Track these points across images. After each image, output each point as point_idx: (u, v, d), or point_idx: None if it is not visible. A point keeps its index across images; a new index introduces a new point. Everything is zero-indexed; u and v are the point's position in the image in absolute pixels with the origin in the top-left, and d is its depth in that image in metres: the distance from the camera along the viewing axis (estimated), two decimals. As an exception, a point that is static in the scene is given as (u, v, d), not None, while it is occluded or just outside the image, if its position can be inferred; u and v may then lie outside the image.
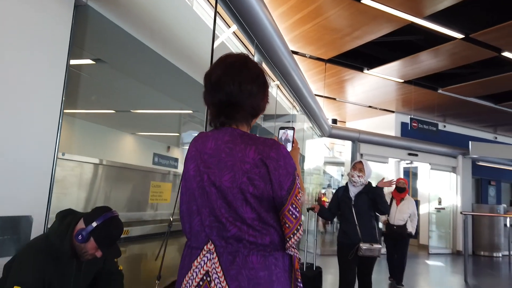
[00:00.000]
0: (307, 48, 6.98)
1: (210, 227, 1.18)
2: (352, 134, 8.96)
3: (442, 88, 8.65)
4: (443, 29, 5.76)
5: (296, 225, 1.17)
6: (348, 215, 3.62)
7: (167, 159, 11.43)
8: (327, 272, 6.36)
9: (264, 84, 1.30)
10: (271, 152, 1.18)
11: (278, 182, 1.16)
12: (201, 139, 1.29)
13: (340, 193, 3.81)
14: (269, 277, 1.14)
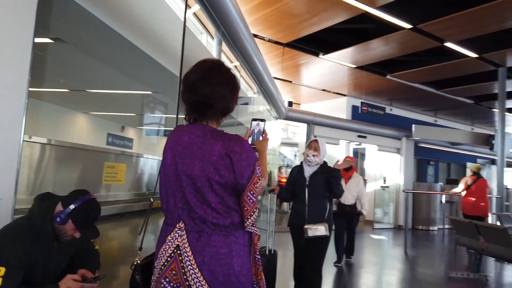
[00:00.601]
0: (266, 32, 7.11)
1: (182, 208, 1.39)
2: (307, 117, 9.31)
3: (391, 74, 9.19)
4: (393, 19, 6.13)
5: (252, 208, 1.39)
6: (301, 196, 3.42)
7: (121, 139, 11.19)
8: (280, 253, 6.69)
9: (234, 88, 1.49)
10: (236, 146, 1.38)
11: (240, 172, 1.37)
12: (177, 132, 1.48)
13: (294, 172, 3.59)
14: (229, 253, 1.36)
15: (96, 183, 7.74)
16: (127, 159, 9.60)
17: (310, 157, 3.43)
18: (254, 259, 1.47)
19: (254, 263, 1.47)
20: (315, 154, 3.43)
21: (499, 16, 6.00)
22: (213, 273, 1.33)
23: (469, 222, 5.01)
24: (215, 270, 1.33)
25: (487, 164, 14.47)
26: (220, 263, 1.34)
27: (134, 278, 1.56)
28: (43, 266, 1.74)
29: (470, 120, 13.96)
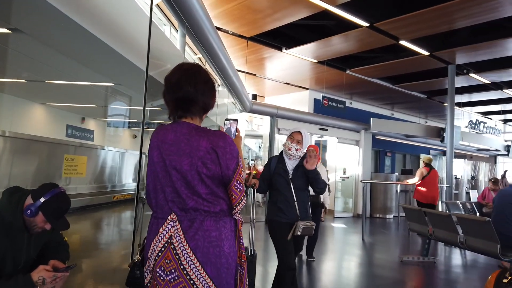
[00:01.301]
0: (230, 25, 7.18)
1: (173, 201, 1.51)
2: (270, 110, 9.50)
3: (350, 69, 9.55)
4: (351, 17, 6.40)
5: (240, 196, 1.55)
6: (284, 191, 3.13)
7: (82, 131, 10.88)
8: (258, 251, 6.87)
9: (212, 86, 1.65)
10: (220, 141, 1.51)
11: (226, 164, 1.51)
12: (162, 131, 1.60)
13: (273, 164, 3.25)
14: (219, 236, 1.50)
15: (55, 176, 7.54)
16: (88, 152, 9.37)
17: (293, 151, 3.14)
18: (238, 243, 1.61)
19: (238, 247, 1.61)
20: (298, 148, 3.14)
21: (449, 17, 6.42)
22: (205, 255, 1.46)
23: (419, 209, 5.40)
24: (207, 252, 1.46)
25: (439, 155, 15.38)
26: (212, 245, 1.47)
27: (133, 274, 1.66)
28: (12, 258, 1.79)
29: (424, 114, 14.75)
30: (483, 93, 11.69)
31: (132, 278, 1.66)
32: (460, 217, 4.50)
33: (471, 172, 15.37)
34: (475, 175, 15.32)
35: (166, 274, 1.46)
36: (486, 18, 6.44)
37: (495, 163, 18.04)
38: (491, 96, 12.07)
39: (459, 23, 6.71)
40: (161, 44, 5.05)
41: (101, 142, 11.58)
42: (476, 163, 15.92)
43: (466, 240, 4.27)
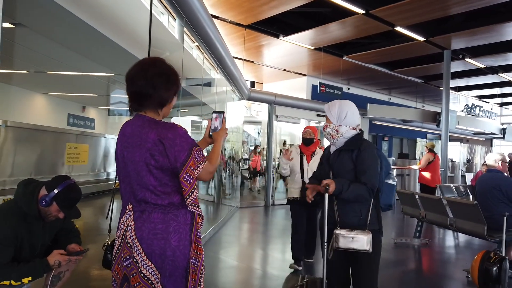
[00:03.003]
0: (227, 14, 7.24)
1: (130, 192, 1.58)
2: (269, 97, 9.61)
3: (347, 55, 9.63)
4: (348, 4, 6.47)
5: (190, 189, 1.54)
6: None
7: (83, 120, 11.00)
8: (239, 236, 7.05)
9: (168, 79, 1.60)
10: (169, 133, 1.52)
11: (174, 156, 1.51)
12: (124, 125, 1.67)
13: (326, 151, 2.53)
14: (166, 229, 1.52)
15: (57, 164, 7.69)
16: (90, 140, 9.50)
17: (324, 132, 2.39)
18: (195, 236, 1.61)
19: (195, 239, 1.60)
20: (323, 126, 2.38)
21: (444, 3, 6.49)
22: (150, 246, 1.50)
23: (412, 193, 5.59)
24: (152, 243, 1.50)
25: (436, 139, 15.56)
26: (156, 237, 1.50)
27: (106, 257, 1.79)
28: (29, 244, 1.97)
29: (421, 98, 14.86)
30: (480, 77, 11.79)
31: (105, 261, 1.79)
32: (449, 201, 4.68)
33: (467, 155, 15.58)
34: (471, 158, 15.52)
35: (123, 260, 1.55)
36: (481, 3, 6.51)
37: (491, 146, 18.24)
38: (487, 80, 12.17)
39: (454, 9, 6.79)
40: (159, 33, 5.13)
41: (102, 130, 11.70)
42: (472, 146, 16.12)
43: (456, 222, 4.46)
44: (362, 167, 2.20)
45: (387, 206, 2.40)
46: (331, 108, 2.36)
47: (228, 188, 9.26)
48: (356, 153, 2.25)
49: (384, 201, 2.37)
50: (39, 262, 1.92)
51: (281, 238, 3.78)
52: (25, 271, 1.85)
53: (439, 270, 4.73)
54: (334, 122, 2.32)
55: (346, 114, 2.31)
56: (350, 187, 2.16)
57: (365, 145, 2.27)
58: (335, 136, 2.30)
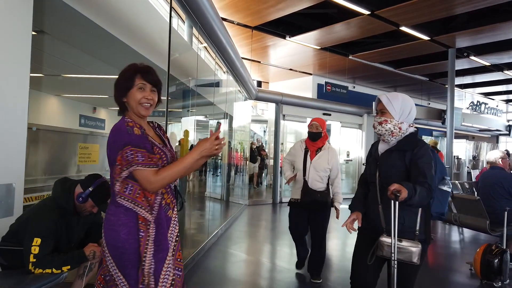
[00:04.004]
0: (235, 16, 7.41)
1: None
2: (275, 97, 9.78)
3: (352, 54, 9.76)
4: (353, 5, 6.61)
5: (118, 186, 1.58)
6: (372, 186, 2.17)
7: (93, 120, 11.25)
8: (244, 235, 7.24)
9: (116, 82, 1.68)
10: (113, 128, 1.61)
11: (108, 155, 1.59)
12: None
13: (373, 149, 2.29)
14: (117, 221, 1.56)
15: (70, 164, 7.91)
16: (100, 140, 9.72)
17: (379, 128, 2.09)
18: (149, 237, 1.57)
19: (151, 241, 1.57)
20: (381, 120, 2.05)
21: (448, 3, 6.60)
22: (107, 237, 1.57)
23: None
24: (108, 234, 1.56)
25: (442, 136, 15.63)
26: (109, 228, 1.56)
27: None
28: (66, 237, 2.17)
29: (427, 96, 14.94)
30: (485, 75, 11.86)
31: None
32: (453, 196, 4.84)
33: (473, 152, 15.64)
34: (477, 155, 15.58)
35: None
36: (486, 3, 6.60)
37: (497, 143, 18.25)
38: (493, 78, 12.23)
39: (458, 9, 6.89)
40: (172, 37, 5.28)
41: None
42: (478, 143, 16.17)
43: (460, 218, 4.61)
44: (420, 170, 1.93)
45: (439, 215, 2.15)
46: (393, 100, 2.04)
47: (236, 186, 9.46)
48: (410, 154, 1.99)
49: (436, 209, 2.11)
50: (77, 252, 2.12)
51: (288, 234, 3.93)
52: (65, 260, 2.05)
53: (444, 263, 4.88)
54: (396, 118, 2.03)
55: (410, 110, 2.05)
56: (417, 191, 1.87)
57: (422, 145, 2.02)
58: (396, 134, 2.03)
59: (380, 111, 2.08)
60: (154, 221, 1.58)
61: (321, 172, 3.63)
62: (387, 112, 2.05)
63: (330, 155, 3.68)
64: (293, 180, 3.74)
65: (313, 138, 3.69)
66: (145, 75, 1.64)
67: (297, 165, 3.74)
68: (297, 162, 3.74)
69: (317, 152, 3.68)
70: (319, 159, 3.63)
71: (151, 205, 1.58)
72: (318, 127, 3.66)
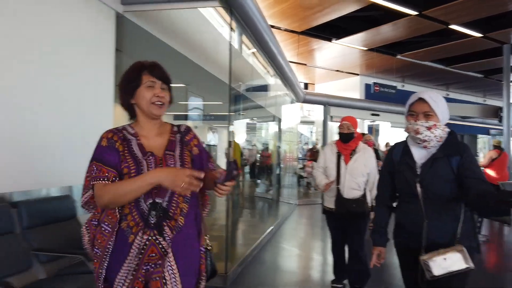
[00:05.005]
0: (283, 22, 7.75)
1: None
2: (322, 99, 9.98)
3: (401, 54, 9.72)
4: (400, 7, 6.68)
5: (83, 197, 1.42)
6: (408, 197, 1.87)
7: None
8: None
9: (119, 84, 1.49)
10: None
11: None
12: None
13: (396, 155, 1.96)
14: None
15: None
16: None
17: (425, 133, 1.77)
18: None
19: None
20: (429, 125, 1.77)
21: (500, 0, 6.48)
22: None
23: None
24: None
25: (499, 134, 14.88)
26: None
27: None
28: None
29: (482, 93, 14.33)
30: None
31: None
32: (507, 196, 4.79)
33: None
34: (539, 154, 14.64)
35: None
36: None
37: None
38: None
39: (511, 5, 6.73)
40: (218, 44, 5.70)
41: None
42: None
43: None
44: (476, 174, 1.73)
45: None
46: (439, 101, 1.80)
47: (286, 186, 9.75)
48: (457, 160, 1.76)
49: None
50: None
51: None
52: None
53: (503, 264, 4.85)
54: (442, 122, 1.80)
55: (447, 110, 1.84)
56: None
57: (467, 148, 1.81)
58: (443, 139, 1.80)
59: (424, 114, 1.79)
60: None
61: (359, 177, 3.17)
62: (433, 115, 1.78)
63: (367, 157, 3.24)
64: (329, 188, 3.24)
65: (345, 139, 3.28)
66: (153, 71, 1.45)
67: (329, 171, 3.26)
68: (329, 168, 3.27)
69: (351, 155, 3.24)
70: (355, 163, 3.19)
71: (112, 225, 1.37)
72: (349, 127, 3.27)
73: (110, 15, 3.44)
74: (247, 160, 10.32)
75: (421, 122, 1.78)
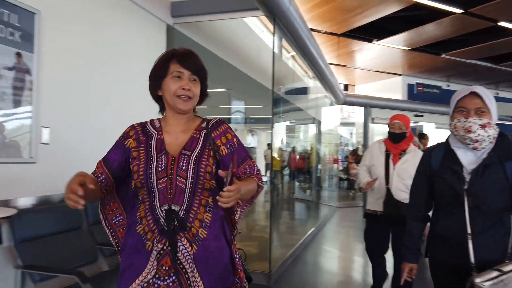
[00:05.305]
0: (322, 25, 7.78)
1: None
2: (363, 101, 9.87)
3: (445, 53, 9.42)
4: (444, 6, 6.52)
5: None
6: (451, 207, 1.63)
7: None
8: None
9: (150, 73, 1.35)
10: None
11: None
12: None
13: (436, 159, 1.71)
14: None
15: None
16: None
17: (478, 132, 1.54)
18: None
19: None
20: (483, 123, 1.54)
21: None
22: None
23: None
24: None
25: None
26: None
27: None
28: None
29: (536, 91, 13.53)
30: None
31: None
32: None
33: None
34: None
35: None
36: None
37: None
38: None
39: None
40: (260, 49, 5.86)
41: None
42: None
43: None
44: None
45: None
46: (491, 97, 1.60)
47: (327, 189, 9.76)
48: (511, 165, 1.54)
49: None
50: None
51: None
52: None
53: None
54: (494, 120, 1.58)
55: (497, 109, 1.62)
56: None
57: None
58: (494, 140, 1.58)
59: (477, 110, 1.56)
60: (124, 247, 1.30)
61: (407, 179, 2.80)
62: (487, 111, 1.56)
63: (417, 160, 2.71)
64: (370, 188, 3.05)
65: (395, 139, 3.06)
66: (183, 60, 1.28)
67: (376, 170, 3.09)
68: (376, 167, 3.10)
69: (400, 156, 3.05)
70: (404, 164, 2.97)
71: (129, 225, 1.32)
72: (401, 126, 3.03)
73: (162, 28, 3.71)
74: (285, 162, 10.43)
75: (473, 119, 1.54)
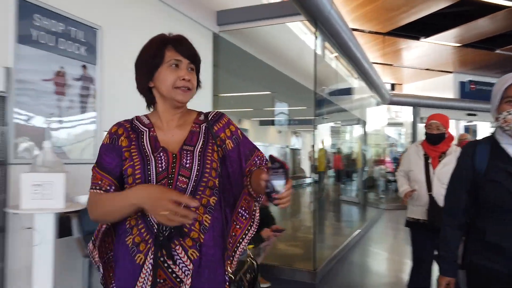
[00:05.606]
0: (366, 25, 7.71)
1: None
2: (411, 100, 9.60)
3: (500, 48, 8.94)
4: (498, 0, 6.24)
5: None
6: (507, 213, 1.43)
7: (239, 131, 12.87)
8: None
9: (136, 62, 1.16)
10: None
11: None
12: None
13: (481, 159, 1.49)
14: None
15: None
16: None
17: None
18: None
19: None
20: None
21: None
22: None
23: None
24: None
25: None
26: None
27: None
28: None
29: None
30: None
31: None
32: None
33: None
34: None
35: None
36: None
37: None
38: None
39: None
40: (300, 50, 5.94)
41: (252, 138, 13.34)
42: None
43: None
44: None
45: None
46: None
47: (373, 190, 9.60)
48: None
49: None
50: (256, 235, 2.85)
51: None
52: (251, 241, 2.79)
53: None
54: None
55: None
56: None
57: None
58: None
59: None
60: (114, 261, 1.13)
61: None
62: None
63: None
64: (410, 196, 2.84)
65: (434, 141, 2.81)
66: (179, 46, 1.13)
67: (415, 176, 2.86)
68: (415, 172, 2.86)
69: (440, 159, 2.80)
70: (445, 168, 2.70)
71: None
72: (439, 126, 2.78)
73: (209, 36, 3.93)
74: (330, 163, 10.37)
75: None
